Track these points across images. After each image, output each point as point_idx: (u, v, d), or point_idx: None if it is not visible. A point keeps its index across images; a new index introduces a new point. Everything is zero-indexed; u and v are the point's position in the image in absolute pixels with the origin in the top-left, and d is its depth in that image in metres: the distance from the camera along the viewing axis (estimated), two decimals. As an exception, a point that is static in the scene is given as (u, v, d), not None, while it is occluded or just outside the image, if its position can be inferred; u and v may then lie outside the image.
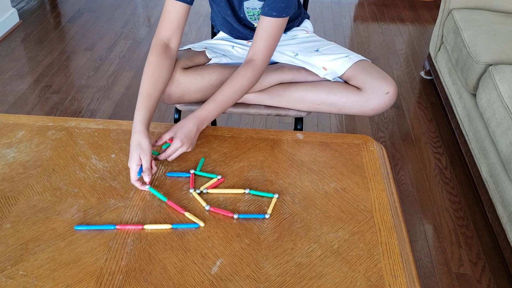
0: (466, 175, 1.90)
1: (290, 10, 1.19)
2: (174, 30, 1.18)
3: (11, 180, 1.01)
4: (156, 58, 1.15)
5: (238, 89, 1.17)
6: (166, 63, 1.17)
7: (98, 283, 0.81)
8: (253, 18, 1.29)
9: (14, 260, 0.84)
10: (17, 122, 1.19)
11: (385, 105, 1.24)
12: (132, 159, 1.01)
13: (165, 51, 1.17)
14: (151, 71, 1.14)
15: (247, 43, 1.39)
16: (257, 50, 1.19)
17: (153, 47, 1.17)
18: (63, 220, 0.92)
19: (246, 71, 1.18)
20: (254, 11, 1.25)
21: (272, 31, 1.19)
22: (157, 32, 1.19)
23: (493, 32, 1.90)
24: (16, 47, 2.68)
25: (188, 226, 0.92)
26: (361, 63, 1.28)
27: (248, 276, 0.84)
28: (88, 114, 2.16)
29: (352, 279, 0.84)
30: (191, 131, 1.08)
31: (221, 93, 1.16)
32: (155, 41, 1.18)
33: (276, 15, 1.17)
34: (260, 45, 1.19)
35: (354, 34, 2.97)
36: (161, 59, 1.16)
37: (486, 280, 1.50)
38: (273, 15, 1.17)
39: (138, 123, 1.06)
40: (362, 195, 1.03)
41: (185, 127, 1.08)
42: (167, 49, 1.18)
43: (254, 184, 1.04)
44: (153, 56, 1.16)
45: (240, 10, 1.28)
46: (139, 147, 1.02)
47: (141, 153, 1.01)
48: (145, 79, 1.13)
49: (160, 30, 1.18)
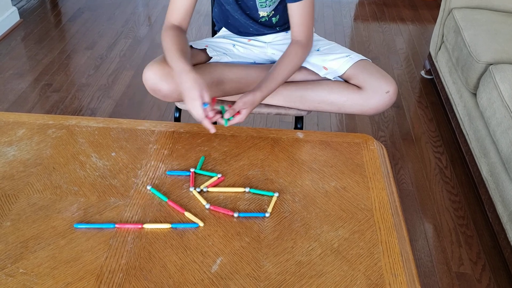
0: (466, 174, 1.90)
1: None
2: (184, 16, 1.24)
3: (12, 178, 1.01)
4: (173, 31, 1.21)
5: (292, 67, 1.25)
6: (183, 35, 1.22)
7: (98, 281, 0.81)
8: (263, 6, 1.29)
9: (14, 258, 0.84)
10: (18, 120, 1.19)
11: (385, 104, 1.24)
12: (193, 96, 1.03)
13: (178, 28, 1.23)
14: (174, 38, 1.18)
15: (247, 41, 1.39)
16: (299, 33, 1.26)
17: (166, 28, 1.22)
18: (63, 218, 0.92)
19: (297, 50, 1.25)
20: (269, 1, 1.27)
21: (306, 12, 1.24)
22: (167, 18, 1.24)
23: (493, 32, 1.90)
24: (17, 46, 2.68)
25: (188, 226, 0.92)
26: (362, 63, 1.28)
27: (248, 275, 0.84)
28: (89, 113, 2.16)
29: (352, 277, 0.85)
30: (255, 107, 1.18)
31: (279, 72, 1.23)
32: (166, 25, 1.24)
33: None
34: (301, 29, 1.26)
35: (355, 33, 2.97)
36: (177, 31, 1.21)
37: (486, 280, 1.50)
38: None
39: (185, 64, 1.10)
40: (362, 194, 1.03)
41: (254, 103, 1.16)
42: (179, 29, 1.23)
43: (255, 182, 1.04)
44: (169, 31, 1.21)
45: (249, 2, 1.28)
46: (197, 83, 1.05)
47: (203, 89, 1.04)
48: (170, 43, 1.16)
49: (170, 16, 1.24)
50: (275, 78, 1.22)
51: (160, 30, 2.88)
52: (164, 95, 1.23)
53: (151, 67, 1.20)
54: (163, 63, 1.21)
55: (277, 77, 1.23)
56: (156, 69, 1.20)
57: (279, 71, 1.23)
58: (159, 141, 1.14)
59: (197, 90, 1.04)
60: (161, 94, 1.22)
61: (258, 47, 1.38)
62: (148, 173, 1.05)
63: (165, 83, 1.20)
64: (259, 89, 1.18)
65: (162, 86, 1.21)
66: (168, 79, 1.20)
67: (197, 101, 1.04)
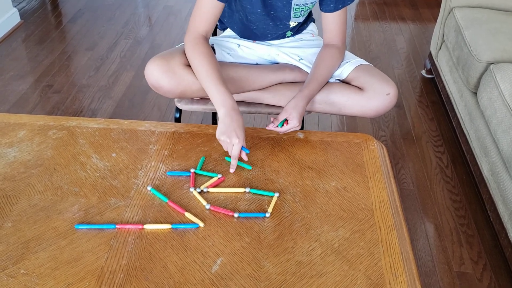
0: (467, 173, 1.90)
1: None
2: (211, 26, 1.23)
3: (13, 179, 1.02)
4: (205, 48, 1.19)
5: (331, 68, 1.27)
6: (212, 52, 1.22)
7: (99, 282, 0.81)
8: (298, 15, 1.30)
9: (15, 259, 0.85)
10: (18, 121, 1.19)
11: (386, 107, 1.24)
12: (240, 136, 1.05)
13: (207, 40, 1.22)
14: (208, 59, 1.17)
15: (253, 42, 1.39)
16: (335, 38, 1.30)
17: (195, 41, 1.20)
18: (64, 219, 0.93)
19: (334, 52, 1.28)
20: (304, 6, 1.27)
21: (341, 20, 1.28)
22: (194, 27, 1.21)
23: (494, 31, 1.90)
24: (17, 47, 2.68)
25: (188, 226, 0.92)
26: (363, 66, 1.29)
27: (249, 275, 0.84)
28: (89, 114, 2.16)
29: (353, 277, 0.85)
30: (303, 110, 1.18)
31: (319, 73, 1.25)
32: (192, 35, 1.21)
33: (342, 6, 1.25)
34: (336, 34, 1.29)
35: (355, 33, 2.97)
36: (208, 47, 1.20)
37: (487, 279, 1.49)
38: (339, 7, 1.25)
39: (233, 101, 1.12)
40: (362, 193, 1.03)
41: (298, 107, 1.17)
42: (206, 40, 1.22)
43: (255, 183, 1.04)
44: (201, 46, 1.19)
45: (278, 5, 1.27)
46: (243, 124, 1.09)
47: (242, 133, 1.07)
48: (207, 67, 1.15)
49: (197, 27, 1.21)
50: (316, 79, 1.24)
51: (160, 31, 2.90)
52: (165, 91, 1.22)
53: (154, 62, 1.20)
54: (166, 59, 1.20)
55: (319, 78, 1.24)
56: (159, 65, 1.19)
57: (319, 72, 1.25)
58: (160, 141, 1.14)
59: (243, 132, 1.08)
60: (162, 90, 1.22)
61: (263, 47, 1.38)
62: (148, 173, 1.05)
63: (167, 79, 1.20)
64: (301, 91, 1.20)
65: (164, 82, 1.20)
66: (170, 75, 1.20)
67: (241, 142, 1.06)
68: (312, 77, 1.24)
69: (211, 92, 1.13)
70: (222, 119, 1.09)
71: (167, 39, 2.83)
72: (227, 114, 1.09)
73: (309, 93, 1.21)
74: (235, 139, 1.05)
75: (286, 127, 1.15)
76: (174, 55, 1.22)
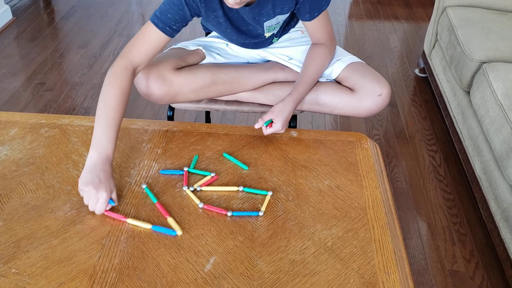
0: (460, 172, 1.91)
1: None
2: (148, 58, 1.11)
3: (4, 177, 1.01)
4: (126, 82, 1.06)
5: (321, 68, 1.25)
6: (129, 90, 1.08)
7: (91, 281, 0.81)
8: (271, 30, 1.27)
9: (6, 258, 0.84)
10: (10, 119, 1.18)
11: (378, 107, 1.23)
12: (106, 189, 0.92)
13: (132, 76, 1.09)
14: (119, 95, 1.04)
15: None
16: (321, 39, 1.26)
17: (122, 68, 1.07)
18: (56, 218, 0.92)
19: (323, 50, 1.25)
20: (276, 25, 1.25)
21: (322, 23, 1.23)
22: (128, 53, 1.09)
23: (487, 30, 1.91)
24: (9, 45, 2.67)
25: (166, 232, 0.90)
26: (355, 65, 1.27)
27: (242, 274, 0.84)
28: (82, 112, 2.15)
29: (346, 276, 0.85)
30: (290, 114, 1.16)
31: (308, 73, 1.23)
32: (123, 62, 1.08)
33: (317, 14, 1.19)
34: (321, 36, 1.26)
35: (349, 32, 2.98)
36: (129, 85, 1.07)
37: (480, 277, 1.50)
38: (315, 16, 1.19)
39: (111, 150, 0.98)
40: (355, 192, 1.03)
41: (285, 111, 1.15)
42: (133, 74, 1.09)
43: (248, 181, 1.03)
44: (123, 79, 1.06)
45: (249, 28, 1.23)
46: (112, 178, 0.95)
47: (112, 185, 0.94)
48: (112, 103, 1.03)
49: (132, 54, 1.09)
50: (306, 81, 1.22)
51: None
52: (157, 99, 1.22)
53: (143, 71, 1.19)
54: (155, 66, 1.20)
55: (308, 79, 1.22)
56: (148, 73, 1.19)
57: (308, 73, 1.23)
58: (153, 140, 1.14)
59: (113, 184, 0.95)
60: (154, 98, 1.22)
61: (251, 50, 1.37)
62: (141, 172, 1.04)
63: (157, 87, 1.20)
64: (290, 95, 1.18)
65: (154, 90, 1.20)
66: (160, 82, 1.19)
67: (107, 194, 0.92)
68: (301, 78, 1.22)
69: (96, 129, 1.00)
70: (90, 167, 0.94)
71: (160, 37, 2.81)
72: (98, 163, 0.95)
73: (298, 96, 1.20)
74: (102, 192, 0.91)
75: (269, 130, 1.13)
76: (162, 61, 1.21)
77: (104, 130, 0.99)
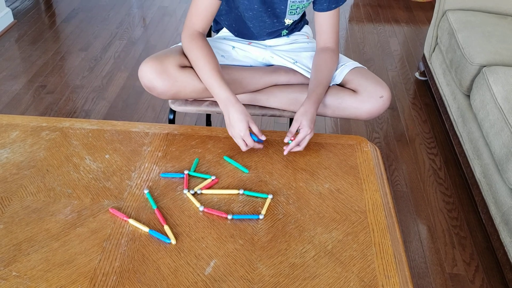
0: (460, 176, 1.91)
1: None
2: (207, 23, 1.25)
3: (5, 180, 1.01)
4: (202, 41, 1.22)
5: (331, 71, 1.28)
6: (211, 48, 1.23)
7: (91, 284, 0.81)
8: (294, 13, 1.30)
9: (7, 261, 0.84)
10: (11, 122, 1.18)
11: (379, 109, 1.24)
12: (242, 128, 1.09)
13: (203, 36, 1.24)
14: (205, 51, 1.20)
15: (248, 43, 1.39)
16: (329, 40, 1.31)
17: (191, 37, 1.22)
18: (57, 221, 0.92)
19: (331, 55, 1.29)
20: (299, 4, 1.28)
21: (334, 20, 1.30)
22: (190, 24, 1.24)
23: (487, 34, 1.91)
24: (10, 47, 2.67)
25: (161, 238, 0.90)
26: (357, 69, 1.29)
27: (242, 277, 0.84)
28: (83, 115, 2.16)
29: (346, 279, 0.85)
30: (314, 116, 1.16)
31: (323, 76, 1.25)
32: (191, 31, 1.23)
33: (335, 6, 1.27)
34: (330, 36, 1.31)
35: (349, 35, 2.98)
36: (205, 43, 1.22)
37: (480, 280, 1.50)
38: (332, 7, 1.27)
39: (230, 94, 1.14)
40: (356, 195, 1.03)
41: (309, 113, 1.15)
42: (203, 37, 1.24)
43: (248, 184, 1.04)
44: (198, 41, 1.21)
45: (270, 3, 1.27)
46: (244, 114, 1.11)
47: (249, 120, 1.11)
48: (204, 60, 1.19)
49: (194, 23, 1.23)
50: (321, 83, 1.23)
51: (154, 32, 2.89)
52: (159, 93, 1.22)
53: (148, 64, 1.19)
54: (160, 60, 1.20)
55: (323, 81, 1.24)
56: (153, 66, 1.19)
57: (323, 75, 1.25)
58: (153, 143, 1.14)
59: (245, 122, 1.10)
60: (156, 92, 1.22)
61: (258, 49, 1.38)
62: (142, 175, 1.05)
63: (161, 81, 1.19)
64: (309, 98, 1.19)
65: (157, 84, 1.20)
66: (164, 76, 1.19)
67: (247, 131, 1.09)
68: (317, 81, 1.23)
69: (208, 85, 1.18)
70: (224, 115, 1.14)
71: (161, 39, 2.82)
72: (224, 110, 1.14)
73: (317, 98, 1.20)
74: (235, 135, 1.10)
75: (298, 137, 1.11)
76: (168, 56, 1.22)
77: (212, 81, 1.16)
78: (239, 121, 1.10)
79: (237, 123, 1.10)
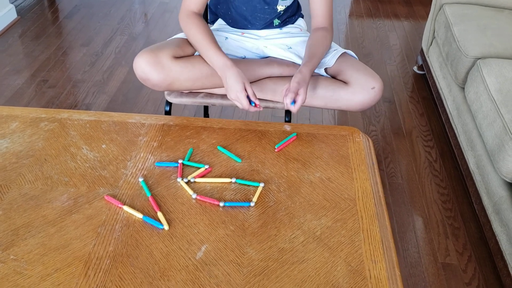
0: (455, 167, 1.93)
1: None
2: (202, 3, 1.30)
3: (4, 169, 1.04)
4: (197, 20, 1.28)
5: (326, 48, 1.32)
6: (206, 23, 1.29)
7: (86, 267, 0.84)
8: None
9: (5, 245, 0.87)
10: (11, 114, 1.21)
11: (371, 100, 1.26)
12: (238, 89, 1.16)
13: (198, 15, 1.30)
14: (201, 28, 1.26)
15: (241, 34, 1.41)
16: (324, 20, 1.35)
17: (186, 16, 1.28)
18: (54, 208, 0.95)
19: (325, 34, 1.33)
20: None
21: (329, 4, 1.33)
22: (185, 5, 1.29)
23: (482, 27, 1.92)
24: (14, 43, 2.71)
25: (154, 224, 0.92)
26: (349, 60, 1.31)
27: (232, 261, 0.87)
28: (84, 108, 2.19)
29: (333, 264, 0.87)
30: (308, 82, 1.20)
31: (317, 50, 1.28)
32: (186, 12, 1.29)
33: None
34: (325, 16, 1.34)
35: (349, 29, 3.00)
36: (200, 19, 1.28)
37: (472, 270, 1.52)
38: None
39: (226, 59, 1.20)
40: (346, 184, 1.05)
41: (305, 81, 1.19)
42: (199, 17, 1.30)
43: (241, 173, 1.06)
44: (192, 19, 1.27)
45: None
46: (240, 76, 1.17)
47: (245, 81, 1.16)
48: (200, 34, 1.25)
49: (188, 4, 1.29)
50: (315, 55, 1.26)
51: (155, 27, 2.92)
52: (153, 84, 1.24)
53: (142, 56, 1.22)
54: (154, 52, 1.22)
55: (317, 53, 1.27)
56: (147, 58, 1.21)
57: (317, 50, 1.28)
58: (149, 133, 1.17)
59: (241, 83, 1.16)
60: (150, 83, 1.24)
61: (251, 40, 1.40)
62: (137, 164, 1.07)
63: (155, 72, 1.22)
64: (305, 65, 1.22)
65: (152, 75, 1.22)
66: (158, 68, 1.22)
67: (242, 93, 1.16)
68: (311, 53, 1.26)
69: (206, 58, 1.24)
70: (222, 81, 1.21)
71: (162, 35, 2.85)
72: (222, 76, 1.20)
73: (312, 68, 1.24)
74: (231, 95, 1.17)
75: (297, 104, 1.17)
76: (162, 48, 1.24)
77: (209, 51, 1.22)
78: (235, 83, 1.16)
79: (234, 84, 1.16)
